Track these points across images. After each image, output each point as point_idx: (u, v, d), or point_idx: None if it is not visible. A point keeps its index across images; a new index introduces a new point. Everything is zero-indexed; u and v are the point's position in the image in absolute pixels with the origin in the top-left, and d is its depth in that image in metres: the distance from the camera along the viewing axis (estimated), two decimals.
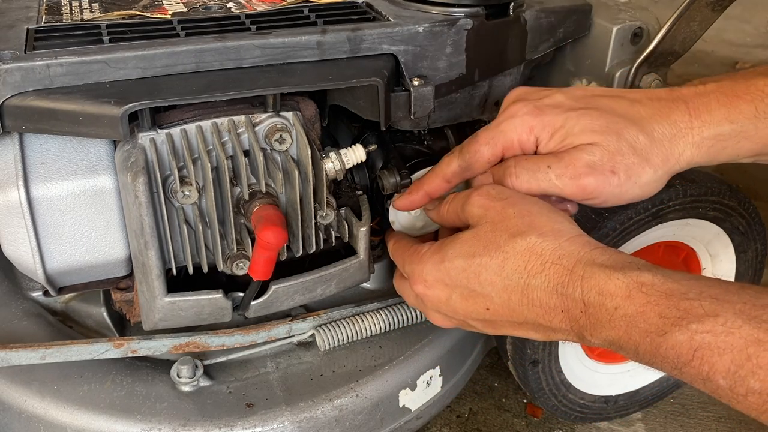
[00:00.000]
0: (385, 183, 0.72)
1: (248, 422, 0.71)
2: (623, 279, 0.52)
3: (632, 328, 0.51)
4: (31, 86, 0.60)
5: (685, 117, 0.62)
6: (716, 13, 0.76)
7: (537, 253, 0.57)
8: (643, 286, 0.51)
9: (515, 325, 0.60)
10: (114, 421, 0.70)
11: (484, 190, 0.63)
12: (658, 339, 0.49)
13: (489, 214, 0.61)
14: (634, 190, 0.62)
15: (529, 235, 0.57)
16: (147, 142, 0.62)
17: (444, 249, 0.62)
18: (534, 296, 0.57)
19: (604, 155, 0.61)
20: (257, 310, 0.70)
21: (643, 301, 0.51)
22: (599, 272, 0.53)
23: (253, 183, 0.65)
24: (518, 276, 0.57)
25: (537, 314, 0.57)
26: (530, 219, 0.59)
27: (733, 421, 0.99)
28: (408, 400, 0.79)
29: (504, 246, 0.58)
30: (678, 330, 0.48)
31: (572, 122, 0.62)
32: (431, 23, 0.69)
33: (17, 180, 0.62)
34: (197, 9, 0.74)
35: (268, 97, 0.65)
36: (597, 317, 0.53)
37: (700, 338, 0.47)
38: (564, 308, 0.55)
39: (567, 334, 0.57)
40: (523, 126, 0.63)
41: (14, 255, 0.65)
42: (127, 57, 0.61)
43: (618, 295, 0.52)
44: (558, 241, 0.57)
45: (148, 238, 0.62)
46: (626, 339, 0.52)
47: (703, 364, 0.47)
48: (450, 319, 0.65)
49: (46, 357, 0.70)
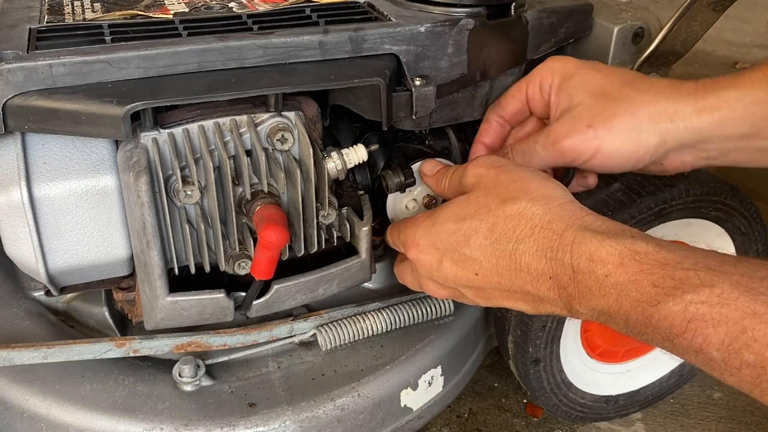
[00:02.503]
0: (389, 183, 0.72)
1: (250, 422, 0.71)
2: (616, 246, 0.51)
3: (623, 297, 0.50)
4: (33, 86, 0.60)
5: (690, 84, 0.62)
6: (717, 13, 0.76)
7: (527, 217, 0.57)
8: (636, 254, 0.50)
9: (504, 293, 0.60)
10: (116, 421, 0.70)
11: (480, 160, 0.64)
12: (650, 309, 0.48)
13: (483, 181, 0.62)
14: (615, 142, 0.63)
15: (520, 199, 0.58)
16: (149, 141, 0.62)
17: (436, 213, 0.63)
18: (522, 261, 0.56)
19: (584, 112, 0.63)
20: (259, 310, 0.70)
21: (636, 270, 0.49)
22: (591, 238, 0.52)
23: (255, 183, 0.66)
24: (506, 240, 0.57)
25: (524, 280, 0.56)
26: (522, 184, 0.59)
27: (733, 421, 0.99)
28: (409, 400, 0.79)
29: (495, 210, 0.58)
30: (672, 300, 0.47)
31: (581, 73, 0.66)
32: (433, 23, 0.69)
33: (19, 179, 0.62)
34: (199, 9, 0.74)
35: (270, 96, 0.65)
36: (586, 284, 0.52)
37: (695, 309, 0.46)
38: (552, 274, 0.54)
39: (555, 305, 0.56)
40: (548, 68, 0.68)
41: (16, 254, 0.65)
42: (129, 57, 0.61)
43: (610, 262, 0.51)
44: (548, 206, 0.57)
45: (150, 238, 0.62)
46: (616, 308, 0.50)
47: (696, 335, 0.46)
48: (442, 287, 0.66)
49: (48, 357, 0.70)
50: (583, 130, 0.63)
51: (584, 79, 0.66)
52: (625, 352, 0.94)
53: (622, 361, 0.94)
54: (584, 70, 0.67)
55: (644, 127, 0.62)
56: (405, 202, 0.76)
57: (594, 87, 0.65)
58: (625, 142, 0.62)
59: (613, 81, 0.65)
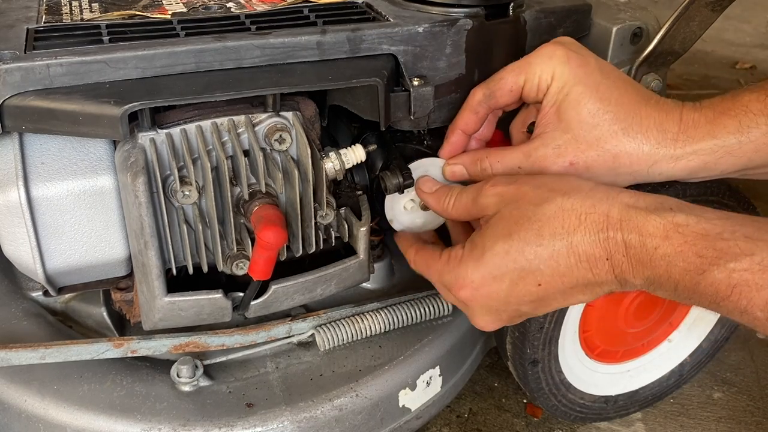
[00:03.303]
0: (388, 184, 0.72)
1: (248, 422, 0.71)
2: (659, 220, 0.54)
3: (672, 266, 0.53)
4: (31, 86, 0.60)
5: (674, 128, 0.65)
6: (716, 13, 0.76)
7: (568, 209, 0.58)
8: (678, 226, 0.53)
9: (566, 293, 0.60)
10: (114, 421, 0.70)
11: (495, 180, 0.64)
12: (697, 277, 0.52)
13: (506, 197, 0.62)
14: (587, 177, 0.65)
15: (554, 198, 0.59)
16: (147, 142, 0.62)
17: (478, 243, 0.62)
18: (580, 251, 0.57)
19: (569, 146, 0.65)
20: (257, 310, 0.70)
21: (681, 241, 0.53)
22: (635, 214, 0.55)
23: (253, 183, 0.65)
24: (559, 238, 0.58)
25: (585, 269, 0.58)
26: (548, 186, 0.60)
27: (733, 421, 0.99)
28: (408, 400, 0.79)
29: (534, 215, 0.59)
30: (716, 269, 0.51)
31: (577, 93, 0.65)
32: (431, 23, 0.69)
33: (17, 180, 0.62)
34: (197, 9, 0.74)
35: (268, 97, 0.65)
36: (638, 258, 0.55)
37: (738, 276, 0.50)
38: (608, 255, 0.57)
39: (611, 284, 0.59)
40: (549, 66, 0.66)
41: (14, 255, 0.65)
42: (126, 57, 0.61)
43: (656, 235, 0.54)
44: (582, 193, 0.58)
45: (148, 238, 0.62)
46: (666, 277, 0.54)
47: (741, 299, 0.50)
48: (500, 314, 0.64)
49: (46, 357, 0.70)
50: (566, 166, 0.66)
51: (579, 101, 0.65)
52: (624, 352, 0.94)
53: (621, 361, 0.94)
54: (581, 87, 0.65)
55: (622, 172, 0.66)
56: (403, 203, 0.76)
57: (587, 115, 0.65)
58: (601, 182, 0.65)
59: (608, 110, 0.65)
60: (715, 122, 0.64)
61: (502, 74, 0.69)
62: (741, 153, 0.63)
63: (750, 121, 0.62)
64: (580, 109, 0.65)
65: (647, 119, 0.65)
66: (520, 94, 0.69)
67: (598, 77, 0.66)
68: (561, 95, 0.66)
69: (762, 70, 2.20)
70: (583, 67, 0.66)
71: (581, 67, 0.66)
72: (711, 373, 1.06)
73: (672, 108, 0.66)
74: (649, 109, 0.65)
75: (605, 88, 0.65)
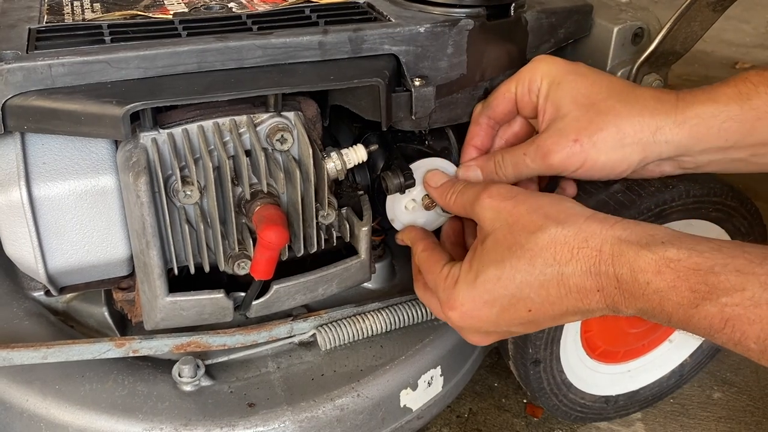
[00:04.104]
0: (389, 184, 0.72)
1: (249, 422, 0.71)
2: (651, 256, 0.54)
3: (665, 301, 0.54)
4: (33, 86, 0.60)
5: (671, 97, 0.66)
6: (717, 14, 0.76)
7: (561, 242, 0.58)
8: (670, 261, 0.54)
9: (555, 317, 0.61)
10: (116, 421, 0.70)
11: (494, 190, 0.64)
12: (691, 311, 0.52)
13: (502, 216, 0.62)
14: (600, 156, 0.66)
15: (548, 227, 0.59)
16: (149, 142, 0.62)
17: (473, 266, 0.63)
18: (570, 283, 0.58)
19: (571, 124, 0.66)
20: (258, 310, 0.70)
21: (673, 276, 0.53)
22: (627, 249, 0.56)
23: (255, 183, 0.66)
24: (551, 268, 0.58)
25: (575, 300, 0.58)
26: (543, 212, 0.60)
27: (733, 421, 0.99)
28: (409, 400, 0.79)
29: (527, 244, 0.59)
30: (709, 303, 0.51)
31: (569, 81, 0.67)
32: (432, 24, 0.69)
33: (19, 180, 0.62)
34: (198, 9, 0.74)
35: (270, 97, 0.65)
36: (630, 291, 0.55)
37: (730, 310, 0.51)
38: (599, 288, 0.57)
39: (602, 311, 0.59)
40: (537, 70, 0.69)
41: (16, 254, 0.65)
42: (128, 57, 0.61)
43: (648, 270, 0.54)
44: (577, 225, 0.58)
45: (150, 238, 0.62)
46: (659, 310, 0.54)
47: (735, 331, 0.51)
48: (491, 334, 0.66)
49: (48, 357, 0.70)
50: (570, 144, 0.65)
51: (571, 87, 0.67)
52: (625, 352, 0.94)
53: (621, 361, 0.94)
54: (571, 76, 0.68)
55: (628, 142, 0.66)
56: (404, 203, 0.76)
57: (581, 96, 0.66)
58: (610, 156, 0.66)
59: (600, 90, 0.66)
60: (712, 91, 0.65)
61: (497, 88, 0.72)
62: (743, 118, 0.64)
63: (749, 90, 0.63)
64: (575, 94, 0.66)
65: (642, 93, 0.67)
66: (515, 100, 0.71)
67: (585, 70, 0.68)
68: (553, 88, 0.67)
69: None
70: (570, 65, 0.69)
71: (569, 65, 0.69)
72: (711, 373, 1.06)
73: (666, 91, 0.67)
74: (641, 89, 0.68)
75: (595, 75, 0.68)
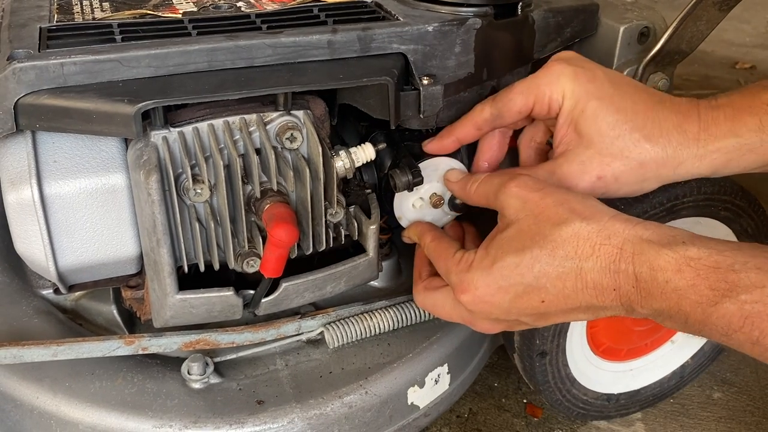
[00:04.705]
0: (398, 182, 0.72)
1: (258, 419, 0.71)
2: (672, 255, 0.54)
3: (683, 299, 0.54)
4: (44, 85, 0.60)
5: (694, 128, 0.65)
6: (723, 13, 0.77)
7: (584, 236, 0.58)
8: (691, 260, 0.54)
9: (566, 312, 0.61)
10: (125, 418, 0.70)
11: (522, 180, 0.64)
12: (709, 309, 0.52)
13: (528, 206, 0.62)
14: (620, 189, 0.67)
15: (573, 221, 0.59)
16: (159, 140, 0.62)
17: (489, 252, 0.62)
18: (588, 278, 0.58)
19: (595, 160, 0.66)
20: (267, 308, 0.71)
21: (693, 275, 0.53)
22: (648, 248, 0.56)
23: (265, 181, 0.66)
24: (570, 261, 0.58)
25: (590, 296, 0.59)
26: (569, 206, 0.60)
27: (733, 421, 0.99)
28: (416, 398, 0.80)
29: (550, 235, 0.59)
30: (728, 300, 0.52)
31: (593, 108, 0.65)
32: (440, 23, 0.69)
33: (30, 178, 0.62)
34: (207, 8, 0.74)
35: (279, 95, 0.65)
36: (648, 290, 0.56)
37: (750, 307, 0.51)
38: (616, 286, 0.57)
39: (616, 310, 0.59)
40: (558, 85, 0.66)
41: (26, 252, 0.66)
42: (139, 56, 0.61)
43: (668, 269, 0.54)
44: (601, 223, 0.59)
45: (161, 236, 0.63)
46: (676, 309, 0.54)
47: (753, 329, 0.51)
48: (500, 322, 0.66)
49: (58, 354, 0.70)
50: (594, 180, 0.67)
51: (596, 116, 0.65)
52: (628, 350, 0.94)
53: (624, 359, 0.94)
54: (595, 102, 0.66)
55: (649, 176, 0.67)
56: (412, 201, 0.76)
57: (606, 127, 0.65)
58: (630, 188, 0.68)
59: (626, 120, 0.65)
60: (735, 120, 0.64)
61: (510, 95, 0.69)
62: (763, 151, 0.64)
63: None
64: (600, 123, 0.65)
65: (666, 122, 0.65)
66: (530, 114, 0.70)
67: (609, 89, 0.66)
68: (576, 112, 0.66)
69: (762, 70, 2.21)
70: (592, 82, 0.66)
71: (591, 82, 0.66)
72: (711, 373, 1.06)
73: (688, 108, 0.66)
74: (665, 111, 0.66)
75: (619, 98, 0.66)
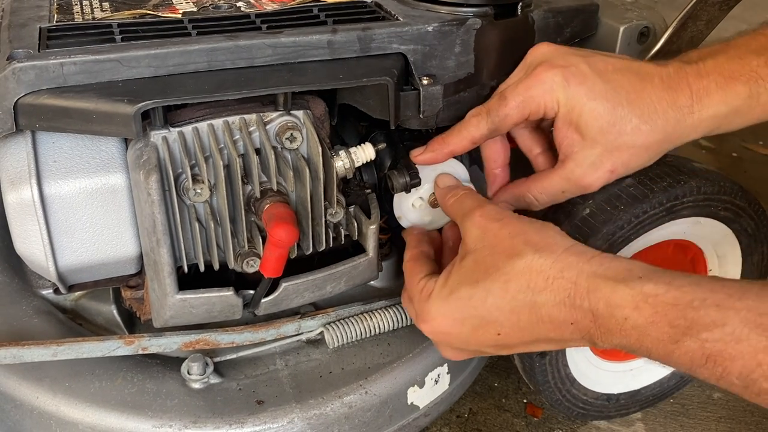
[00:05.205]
0: (395, 183, 0.72)
1: (258, 419, 0.71)
2: (628, 291, 0.54)
3: (644, 336, 0.53)
4: (44, 84, 0.60)
5: (688, 101, 0.65)
6: (723, 12, 0.77)
7: (536, 270, 0.58)
8: (648, 297, 0.53)
9: (527, 344, 0.61)
10: (125, 418, 0.70)
11: (486, 210, 0.65)
12: (671, 346, 0.52)
13: (486, 237, 0.62)
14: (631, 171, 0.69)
15: (526, 254, 0.59)
16: (159, 140, 0.62)
17: (449, 282, 0.63)
18: (542, 312, 0.58)
19: (604, 157, 0.66)
20: (267, 308, 0.71)
21: (651, 312, 0.52)
22: (603, 284, 0.55)
23: (264, 181, 0.66)
24: (523, 295, 0.58)
25: (547, 329, 0.58)
26: (524, 237, 0.60)
27: (733, 421, 0.99)
28: (416, 398, 0.80)
29: (503, 267, 0.59)
30: (689, 338, 0.51)
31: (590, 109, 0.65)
32: (440, 23, 0.69)
33: (30, 178, 0.62)
34: (207, 8, 0.74)
35: (279, 95, 0.65)
36: (607, 327, 0.55)
37: (711, 346, 0.50)
38: (573, 320, 0.56)
39: (578, 342, 0.59)
40: (552, 95, 0.66)
41: (26, 252, 0.66)
42: (139, 56, 0.61)
43: (626, 306, 0.53)
44: (555, 255, 0.58)
45: (160, 236, 0.63)
46: (638, 345, 0.54)
47: (716, 366, 0.50)
48: (463, 351, 0.66)
49: (58, 354, 0.70)
50: (607, 174, 0.67)
51: (595, 115, 0.65)
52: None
53: (624, 359, 0.94)
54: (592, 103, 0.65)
55: (653, 155, 0.68)
56: (411, 201, 0.76)
57: (606, 124, 0.65)
58: (638, 167, 0.69)
59: (623, 114, 0.65)
60: (726, 89, 0.65)
61: (506, 110, 0.68)
62: (750, 115, 0.65)
63: (760, 87, 0.64)
64: (601, 123, 0.65)
65: (660, 102, 0.66)
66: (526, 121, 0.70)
67: (600, 85, 0.66)
68: (574, 116, 0.66)
69: None
70: (583, 83, 0.66)
71: (582, 83, 0.66)
72: None
73: (678, 80, 0.66)
74: (656, 90, 0.66)
75: (611, 92, 0.66)
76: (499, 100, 0.68)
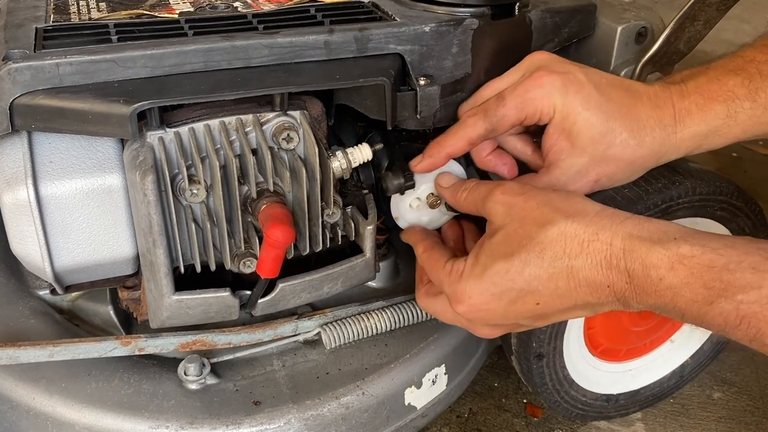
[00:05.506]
0: (389, 185, 0.72)
1: (255, 420, 0.71)
2: (664, 252, 0.54)
3: (678, 297, 0.53)
4: (40, 85, 0.60)
5: (671, 121, 0.67)
6: (721, 13, 0.76)
7: (571, 235, 0.58)
8: (683, 258, 0.53)
9: (564, 311, 0.61)
10: (122, 419, 0.70)
11: (507, 186, 0.65)
12: (705, 307, 0.52)
13: (513, 211, 0.62)
14: (614, 185, 0.71)
15: (558, 221, 0.59)
16: (155, 140, 0.62)
17: (479, 260, 0.63)
18: (580, 276, 0.58)
19: (590, 167, 0.68)
20: (264, 308, 0.71)
21: (687, 273, 0.53)
22: (639, 245, 0.56)
23: (261, 182, 0.66)
24: (560, 261, 0.58)
25: (585, 293, 0.58)
26: (552, 206, 0.61)
27: (733, 421, 0.99)
28: (413, 398, 0.80)
29: (537, 237, 0.59)
30: (724, 300, 0.51)
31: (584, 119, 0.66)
32: (437, 23, 0.69)
33: (26, 178, 0.62)
34: (204, 8, 0.74)
35: (276, 96, 0.65)
36: (642, 287, 0.55)
37: (746, 308, 0.51)
38: (609, 283, 0.57)
39: (612, 305, 0.59)
40: (550, 100, 0.67)
41: (22, 253, 0.65)
42: (135, 56, 0.61)
43: (661, 266, 0.54)
44: (587, 218, 0.59)
45: (157, 237, 0.62)
46: (672, 306, 0.54)
47: (750, 328, 0.51)
48: (500, 327, 0.66)
49: (54, 355, 0.70)
50: (592, 183, 0.69)
51: (587, 125, 0.66)
52: (627, 351, 0.94)
53: (623, 360, 0.94)
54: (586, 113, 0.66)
55: (638, 170, 0.70)
56: (409, 201, 0.76)
57: (597, 135, 0.67)
58: (621, 181, 0.71)
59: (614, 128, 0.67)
60: (705, 109, 0.66)
61: (504, 111, 0.68)
62: (729, 134, 0.67)
63: (737, 107, 0.66)
64: (592, 133, 0.66)
65: (648, 120, 0.67)
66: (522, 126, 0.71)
67: (596, 96, 0.67)
68: (568, 124, 0.67)
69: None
70: (580, 92, 0.67)
71: (578, 92, 0.67)
72: (711, 373, 1.06)
73: (663, 100, 0.68)
74: (645, 108, 0.67)
75: (605, 104, 0.67)
76: (497, 100, 0.68)
